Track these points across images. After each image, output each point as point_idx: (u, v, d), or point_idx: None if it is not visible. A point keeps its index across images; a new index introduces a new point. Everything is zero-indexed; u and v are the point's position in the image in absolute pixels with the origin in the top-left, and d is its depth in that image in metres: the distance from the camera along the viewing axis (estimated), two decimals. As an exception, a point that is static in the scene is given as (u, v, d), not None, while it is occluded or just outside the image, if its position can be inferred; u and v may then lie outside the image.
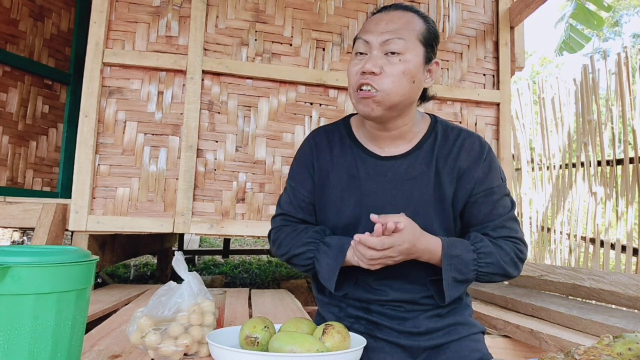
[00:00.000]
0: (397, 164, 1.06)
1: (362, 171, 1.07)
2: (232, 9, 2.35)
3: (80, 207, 2.10)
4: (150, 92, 2.23)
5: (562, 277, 2.04)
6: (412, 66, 0.99)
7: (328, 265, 1.02)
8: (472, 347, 1.05)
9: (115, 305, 1.80)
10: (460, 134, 1.08)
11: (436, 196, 1.05)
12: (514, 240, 1.05)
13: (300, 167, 1.16)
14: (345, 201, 1.08)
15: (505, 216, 1.06)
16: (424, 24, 1.03)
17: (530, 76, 16.55)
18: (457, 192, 1.05)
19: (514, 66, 2.71)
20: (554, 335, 1.53)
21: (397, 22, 1.01)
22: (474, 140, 1.08)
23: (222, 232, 2.21)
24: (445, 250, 0.99)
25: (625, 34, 17.21)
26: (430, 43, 1.03)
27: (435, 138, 1.08)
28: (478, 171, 1.04)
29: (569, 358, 0.68)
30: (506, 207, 1.07)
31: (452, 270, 0.99)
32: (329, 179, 1.11)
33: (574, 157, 4.11)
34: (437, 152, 1.06)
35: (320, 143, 1.14)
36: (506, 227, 1.05)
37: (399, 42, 0.98)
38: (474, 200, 1.05)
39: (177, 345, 0.90)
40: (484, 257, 1.01)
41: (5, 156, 2.92)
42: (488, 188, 1.05)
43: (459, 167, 1.05)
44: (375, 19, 1.04)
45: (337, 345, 0.88)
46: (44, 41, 3.14)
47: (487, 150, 1.07)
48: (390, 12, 1.03)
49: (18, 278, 0.66)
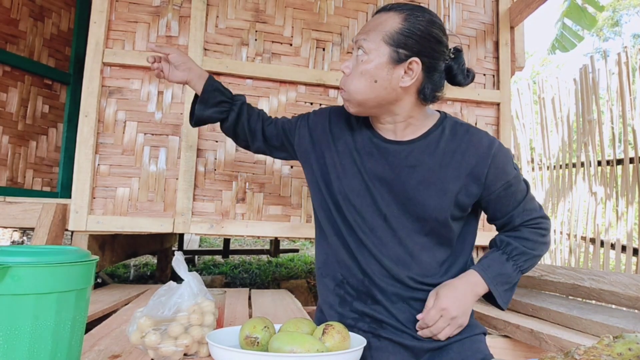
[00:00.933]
0: (399, 149, 1.10)
1: (368, 147, 1.12)
2: (232, 8, 2.35)
3: (80, 207, 2.10)
4: (150, 92, 2.23)
5: (562, 277, 2.03)
6: (371, 67, 1.02)
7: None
8: (475, 348, 1.06)
9: (115, 305, 1.80)
10: (469, 131, 1.10)
11: (437, 186, 1.06)
12: (536, 221, 1.11)
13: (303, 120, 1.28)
14: (347, 169, 1.13)
15: (524, 200, 1.11)
16: (399, 23, 1.01)
17: (530, 76, 16.56)
18: (467, 188, 1.06)
19: (514, 66, 2.71)
20: (554, 335, 1.53)
21: (372, 24, 1.05)
22: (482, 137, 1.09)
23: (222, 232, 2.21)
24: (484, 275, 1.06)
25: (625, 34, 17.20)
26: (403, 42, 1.00)
27: (443, 132, 1.10)
28: (490, 169, 1.06)
29: (569, 358, 0.68)
30: (523, 191, 1.12)
31: (499, 285, 1.07)
32: (337, 145, 1.17)
33: (574, 157, 4.11)
34: (444, 146, 1.08)
35: (338, 112, 1.23)
36: (527, 209, 1.11)
37: (364, 43, 1.03)
38: (496, 197, 1.08)
39: (177, 345, 0.90)
40: (518, 258, 1.08)
41: (5, 156, 2.91)
42: (505, 182, 1.08)
43: (467, 163, 1.06)
44: (368, 21, 1.10)
45: (337, 345, 0.88)
46: (44, 41, 3.14)
47: (497, 146, 1.08)
48: (375, 15, 1.08)
49: (18, 278, 0.66)
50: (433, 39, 1.02)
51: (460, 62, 1.09)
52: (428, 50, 1.02)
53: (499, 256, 1.09)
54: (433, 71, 1.05)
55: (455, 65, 1.08)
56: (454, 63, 1.08)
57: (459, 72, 1.08)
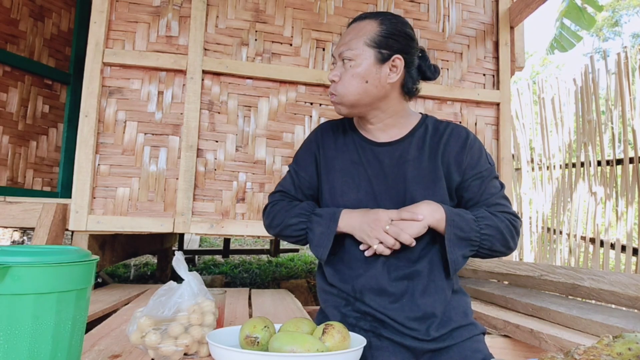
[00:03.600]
0: (392, 149, 1.18)
1: (363, 157, 1.19)
2: (232, 8, 2.36)
3: (80, 207, 2.10)
4: (150, 92, 2.24)
5: (562, 277, 2.03)
6: (360, 69, 1.11)
7: (322, 233, 1.12)
8: (474, 348, 1.06)
9: (115, 305, 1.80)
10: (449, 126, 1.20)
11: (430, 177, 1.14)
12: (507, 215, 1.14)
13: (305, 152, 1.27)
14: (349, 185, 1.17)
15: (496, 195, 1.15)
16: (377, 27, 1.12)
17: (530, 76, 16.56)
18: (450, 175, 1.15)
19: (514, 66, 2.71)
20: (554, 335, 1.53)
21: (351, 34, 1.14)
22: (461, 130, 1.19)
23: (222, 232, 2.21)
24: (447, 210, 1.08)
25: (625, 34, 17.21)
26: (384, 43, 1.11)
27: (426, 129, 1.20)
28: (467, 157, 1.15)
29: (569, 358, 0.68)
30: (496, 187, 1.17)
31: (454, 227, 1.06)
32: (334, 164, 1.21)
33: (574, 157, 4.11)
34: (429, 141, 1.18)
35: (326, 133, 1.26)
36: (499, 204, 1.15)
37: (348, 52, 1.12)
38: (467, 185, 1.15)
39: (177, 345, 0.90)
40: (482, 220, 1.08)
41: (5, 156, 2.92)
42: (478, 172, 1.15)
43: (449, 153, 1.15)
44: (343, 33, 1.19)
45: (337, 345, 0.88)
46: (44, 41, 3.14)
47: (472, 138, 1.18)
48: (350, 26, 1.17)
49: (18, 278, 0.66)
50: (408, 37, 1.14)
51: (426, 60, 1.20)
52: (406, 47, 1.13)
53: (466, 212, 1.11)
54: (411, 65, 1.15)
55: (423, 63, 1.19)
56: (422, 61, 1.19)
57: (426, 69, 1.19)
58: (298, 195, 1.24)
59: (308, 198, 1.25)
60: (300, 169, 1.25)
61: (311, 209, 1.18)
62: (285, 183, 1.27)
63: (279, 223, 1.19)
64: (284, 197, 1.25)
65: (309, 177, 1.24)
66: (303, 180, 1.24)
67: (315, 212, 1.15)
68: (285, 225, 1.17)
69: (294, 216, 1.16)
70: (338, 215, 1.12)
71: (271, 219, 1.22)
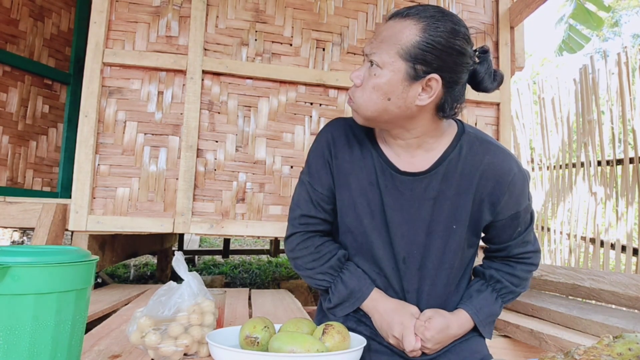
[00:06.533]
0: (416, 181, 1.01)
1: (382, 182, 1.03)
2: (232, 9, 2.35)
3: (80, 207, 2.10)
4: (150, 92, 2.23)
5: (562, 277, 2.03)
6: (384, 82, 0.91)
7: (342, 308, 1.09)
8: (473, 349, 1.06)
9: (115, 305, 1.80)
10: (489, 150, 1.01)
11: (453, 217, 1.02)
12: (528, 255, 1.09)
13: (317, 162, 1.09)
14: (364, 209, 1.05)
15: (525, 232, 1.07)
16: (417, 35, 0.89)
17: (530, 76, 16.56)
18: (481, 214, 1.02)
19: (514, 66, 2.71)
20: (554, 335, 1.53)
21: (386, 33, 0.93)
22: (502, 159, 1.00)
23: (222, 232, 2.21)
24: (477, 319, 1.06)
25: (625, 34, 17.20)
26: (421, 58, 0.89)
27: (460, 152, 1.01)
28: (504, 196, 1.00)
29: (569, 358, 0.68)
30: (527, 222, 1.07)
31: (488, 325, 1.09)
32: (349, 181, 1.06)
33: (574, 157, 4.11)
34: (461, 169, 1.00)
35: (338, 139, 1.08)
36: (525, 241, 1.08)
37: (377, 55, 0.92)
38: (501, 225, 1.04)
39: (177, 345, 0.90)
40: (505, 296, 1.10)
41: (5, 156, 2.91)
42: (515, 212, 1.02)
43: (483, 188, 1.00)
44: (379, 26, 1.04)
45: (337, 345, 0.88)
46: (44, 41, 3.14)
47: (515, 172, 1.00)
48: (390, 21, 0.95)
49: (18, 278, 0.66)
50: (455, 52, 0.90)
51: (487, 65, 0.97)
52: (449, 64, 0.91)
53: (489, 294, 1.08)
54: (454, 85, 0.94)
55: (481, 69, 0.96)
56: (480, 67, 0.96)
57: (485, 77, 0.97)
58: (319, 214, 1.09)
59: (328, 213, 1.10)
60: (315, 182, 1.08)
61: (340, 267, 1.08)
62: (303, 203, 1.10)
63: (303, 269, 1.11)
64: (308, 224, 1.09)
65: (327, 190, 1.08)
66: (321, 196, 1.08)
67: (343, 279, 1.07)
68: (308, 276, 1.11)
69: (319, 273, 1.09)
70: (366, 295, 1.06)
71: (296, 263, 1.12)
